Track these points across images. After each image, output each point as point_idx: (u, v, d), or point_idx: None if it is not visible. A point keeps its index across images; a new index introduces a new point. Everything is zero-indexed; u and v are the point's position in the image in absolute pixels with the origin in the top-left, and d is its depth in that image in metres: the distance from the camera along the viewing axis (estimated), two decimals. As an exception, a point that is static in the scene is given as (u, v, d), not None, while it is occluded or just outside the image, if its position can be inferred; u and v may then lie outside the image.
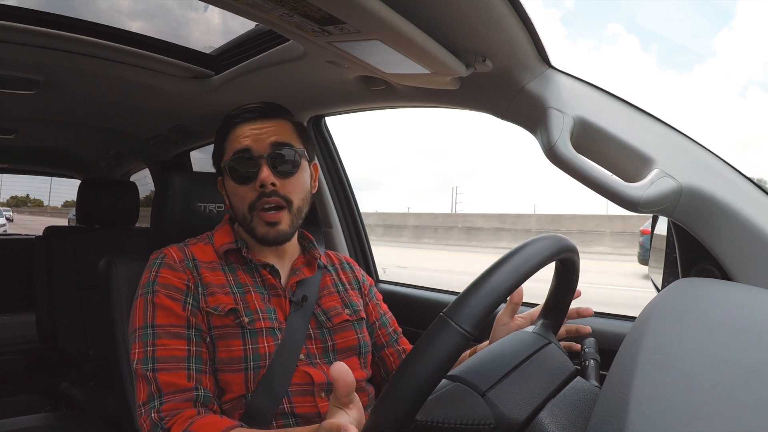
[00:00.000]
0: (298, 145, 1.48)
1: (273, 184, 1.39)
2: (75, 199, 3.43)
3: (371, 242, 2.71)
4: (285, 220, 1.42)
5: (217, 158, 1.52)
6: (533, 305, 1.65)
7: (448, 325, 0.83)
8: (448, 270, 13.29)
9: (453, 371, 1.02)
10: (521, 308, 1.54)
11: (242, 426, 1.22)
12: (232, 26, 2.13)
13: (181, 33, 2.00)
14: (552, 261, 1.03)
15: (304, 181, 1.49)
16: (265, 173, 1.38)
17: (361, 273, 1.73)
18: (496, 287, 0.88)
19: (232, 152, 1.43)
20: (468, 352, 1.51)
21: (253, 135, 1.43)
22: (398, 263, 13.48)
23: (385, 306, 1.73)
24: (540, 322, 1.34)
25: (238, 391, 1.32)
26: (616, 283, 11.99)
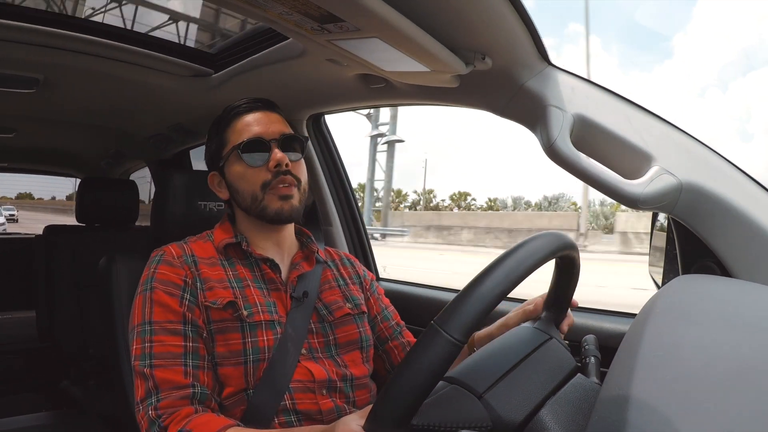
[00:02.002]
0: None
1: (287, 165, 1.42)
2: (28, 191, 3.42)
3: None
4: (296, 196, 1.45)
5: (216, 150, 1.52)
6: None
7: (439, 334, 0.84)
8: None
9: (450, 373, 1.02)
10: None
11: (239, 425, 1.22)
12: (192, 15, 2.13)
13: (142, 21, 1.99)
14: (548, 261, 1.03)
15: (305, 166, 1.53)
16: (280, 154, 1.42)
17: (362, 268, 1.74)
18: (488, 293, 0.88)
19: (239, 139, 1.45)
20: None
21: (261, 122, 1.47)
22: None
23: (386, 300, 1.73)
24: (542, 315, 1.34)
25: (238, 385, 1.32)
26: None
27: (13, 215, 40.69)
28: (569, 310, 1.43)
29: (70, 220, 3.53)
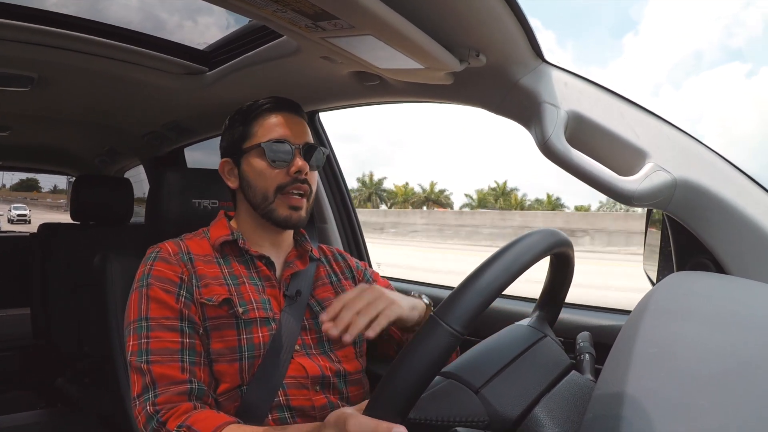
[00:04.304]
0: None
1: (305, 174, 1.46)
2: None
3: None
4: (304, 207, 1.49)
5: (238, 139, 1.52)
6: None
7: (439, 325, 0.83)
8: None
9: (447, 368, 1.02)
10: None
11: (238, 422, 1.22)
12: (149, 2, 2.11)
13: (99, 8, 1.97)
14: (545, 256, 1.03)
15: (318, 177, 1.57)
16: (302, 162, 1.45)
17: (353, 261, 1.75)
18: (487, 286, 0.88)
19: (267, 136, 1.47)
20: None
21: (290, 126, 1.50)
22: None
23: (385, 282, 1.75)
24: (536, 314, 1.34)
25: (233, 382, 1.32)
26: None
27: (23, 215, 39.02)
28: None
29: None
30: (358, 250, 2.66)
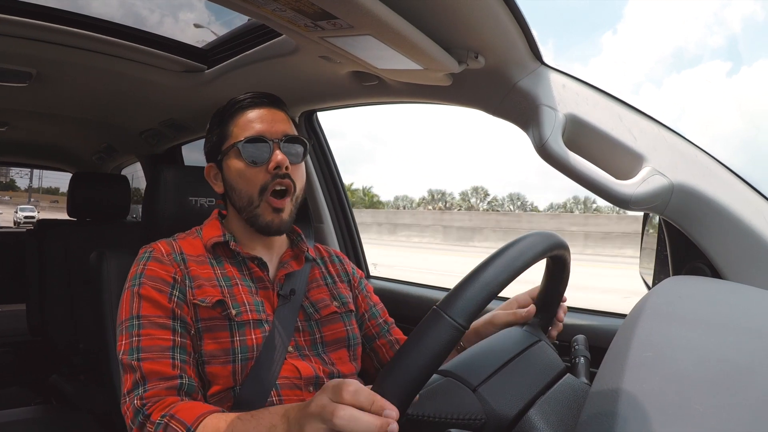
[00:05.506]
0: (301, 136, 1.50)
1: (286, 167, 1.40)
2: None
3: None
4: (287, 209, 1.44)
5: (216, 142, 1.50)
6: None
7: (442, 318, 0.83)
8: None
9: (444, 366, 1.02)
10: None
11: (223, 411, 1.20)
12: (130, -1, 2.11)
13: (80, 3, 1.96)
14: (544, 257, 1.03)
15: (305, 170, 1.51)
16: (281, 156, 1.40)
17: (350, 266, 1.73)
18: (490, 282, 0.88)
19: (243, 135, 1.43)
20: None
21: (265, 120, 1.45)
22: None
23: (375, 297, 1.73)
24: (531, 319, 1.34)
25: (226, 383, 1.32)
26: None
27: (31, 218, 37.90)
28: (561, 317, 1.43)
29: None
30: (354, 250, 2.66)
